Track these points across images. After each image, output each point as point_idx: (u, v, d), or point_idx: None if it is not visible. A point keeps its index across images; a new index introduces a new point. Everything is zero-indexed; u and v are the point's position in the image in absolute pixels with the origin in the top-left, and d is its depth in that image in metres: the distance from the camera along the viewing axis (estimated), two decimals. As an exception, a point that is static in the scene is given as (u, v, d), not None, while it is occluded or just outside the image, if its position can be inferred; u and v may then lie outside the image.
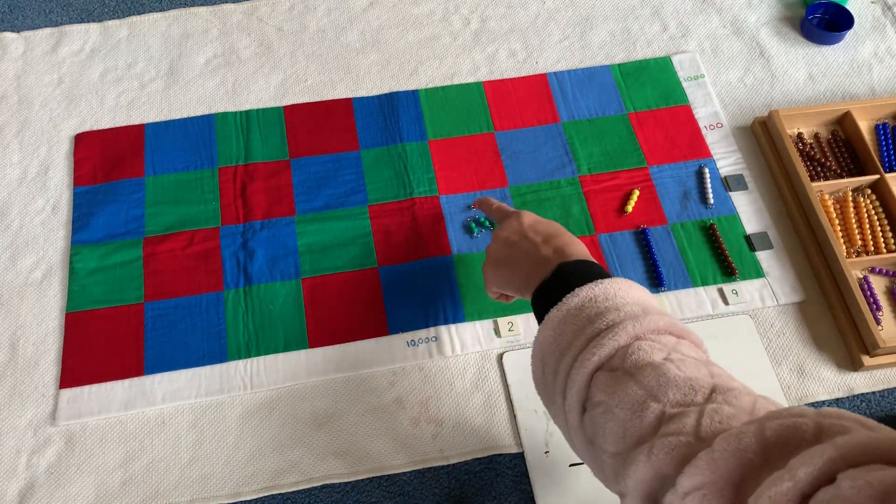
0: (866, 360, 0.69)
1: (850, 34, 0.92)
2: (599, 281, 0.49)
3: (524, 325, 0.72)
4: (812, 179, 0.79)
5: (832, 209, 0.77)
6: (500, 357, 0.71)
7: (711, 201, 0.79)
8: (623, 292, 0.49)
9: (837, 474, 0.29)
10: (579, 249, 0.56)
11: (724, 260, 0.75)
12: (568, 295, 0.50)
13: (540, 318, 0.53)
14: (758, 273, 0.75)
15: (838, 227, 0.76)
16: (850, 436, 0.31)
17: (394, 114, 0.85)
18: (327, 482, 0.65)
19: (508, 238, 0.61)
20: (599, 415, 0.43)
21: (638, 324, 0.46)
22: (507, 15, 0.94)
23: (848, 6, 0.92)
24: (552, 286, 0.53)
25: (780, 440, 0.34)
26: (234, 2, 0.95)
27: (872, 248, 0.75)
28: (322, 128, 0.84)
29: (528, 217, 0.62)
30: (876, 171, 0.78)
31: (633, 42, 0.92)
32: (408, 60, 0.90)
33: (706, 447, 0.36)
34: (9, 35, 0.91)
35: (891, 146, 0.81)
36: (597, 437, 0.43)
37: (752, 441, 0.34)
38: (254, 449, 0.66)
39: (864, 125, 0.82)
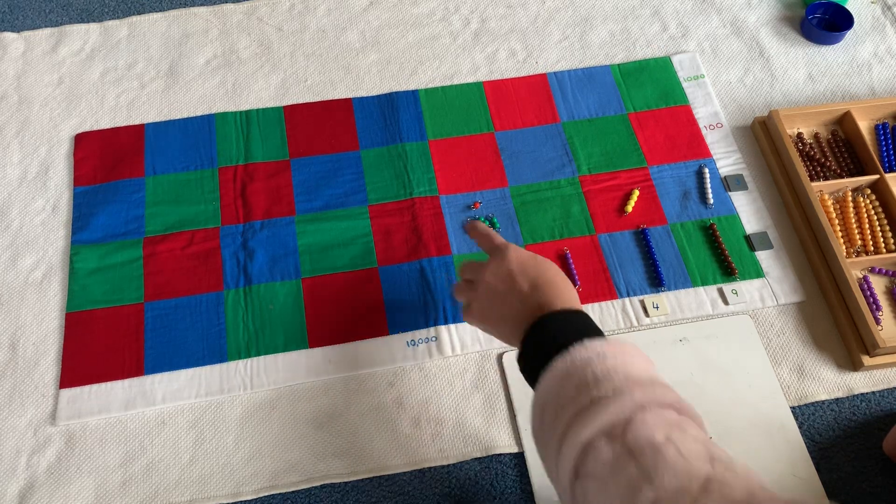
0: (866, 360, 0.69)
1: (849, 34, 0.92)
2: (605, 341, 0.48)
3: (524, 325, 0.72)
4: (812, 179, 0.79)
5: (832, 209, 0.77)
6: (500, 357, 0.71)
7: (711, 201, 0.79)
8: (629, 357, 0.48)
9: None
10: (569, 297, 0.55)
11: (724, 260, 0.75)
12: (577, 346, 0.48)
13: (530, 371, 0.52)
14: (758, 273, 0.75)
15: (838, 227, 0.76)
16: None
17: (394, 114, 0.85)
18: (327, 482, 0.65)
19: (495, 289, 0.57)
20: (594, 488, 0.42)
21: (644, 393, 0.44)
22: (507, 15, 0.94)
23: (848, 6, 0.92)
24: (542, 340, 0.52)
25: None
26: (234, 2, 0.95)
27: (872, 248, 0.75)
28: (322, 128, 0.84)
29: (515, 257, 0.58)
30: (876, 171, 0.78)
31: (633, 42, 0.92)
32: (408, 60, 0.90)
33: None
34: (9, 35, 0.91)
35: (891, 146, 0.81)
36: None
37: None
38: (254, 449, 0.66)
39: (864, 125, 0.82)
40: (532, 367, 0.51)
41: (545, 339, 0.52)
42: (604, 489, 0.42)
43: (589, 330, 0.51)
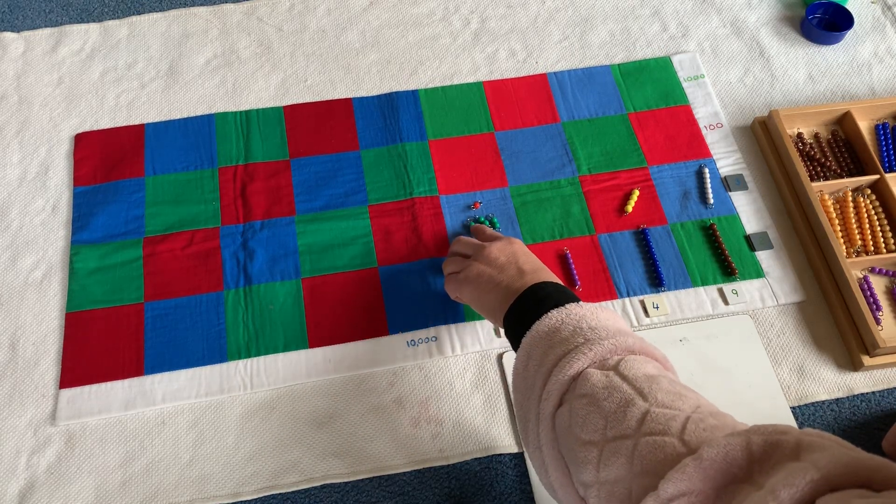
0: (866, 360, 0.69)
1: (850, 34, 0.92)
2: (600, 306, 0.52)
3: (524, 325, 0.72)
4: (812, 179, 0.79)
5: (832, 209, 0.77)
6: (500, 357, 0.71)
7: (711, 201, 0.79)
8: (623, 322, 0.52)
9: (818, 499, 0.29)
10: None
11: (724, 260, 0.75)
12: (571, 304, 0.52)
13: (514, 334, 0.54)
14: (758, 273, 0.75)
15: (838, 227, 0.76)
16: (829, 454, 0.32)
17: (394, 114, 0.85)
18: (327, 482, 0.65)
19: (496, 259, 0.62)
20: (583, 405, 0.44)
21: (636, 342, 0.47)
22: (507, 15, 0.94)
23: (848, 6, 0.92)
24: (542, 297, 0.55)
25: (763, 456, 0.34)
26: (234, 2, 0.95)
27: (872, 248, 0.75)
28: (322, 128, 0.84)
29: (521, 245, 0.64)
30: (876, 171, 0.78)
31: (633, 42, 0.92)
32: (408, 60, 0.90)
33: (690, 453, 0.36)
34: (9, 35, 0.91)
35: (891, 146, 0.81)
36: (573, 427, 0.44)
37: (738, 454, 0.34)
38: (254, 449, 0.66)
39: (864, 125, 0.82)
40: (522, 323, 0.53)
41: (544, 295, 0.55)
42: (594, 405, 0.43)
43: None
